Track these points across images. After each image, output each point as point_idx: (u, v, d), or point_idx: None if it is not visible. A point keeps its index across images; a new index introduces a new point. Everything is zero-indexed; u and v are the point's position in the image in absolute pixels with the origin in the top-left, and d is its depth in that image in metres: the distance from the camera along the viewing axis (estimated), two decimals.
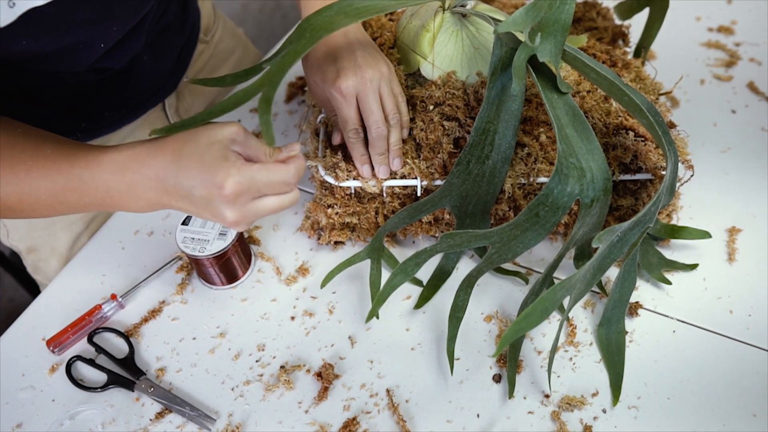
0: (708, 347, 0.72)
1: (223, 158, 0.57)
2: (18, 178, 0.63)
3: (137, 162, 0.60)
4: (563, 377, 0.71)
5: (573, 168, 0.62)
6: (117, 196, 0.61)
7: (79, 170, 0.61)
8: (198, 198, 0.58)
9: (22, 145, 0.64)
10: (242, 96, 0.62)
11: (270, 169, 0.59)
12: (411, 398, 0.71)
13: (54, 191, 0.63)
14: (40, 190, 0.63)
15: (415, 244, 0.83)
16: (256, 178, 0.58)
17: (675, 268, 0.78)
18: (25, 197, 0.63)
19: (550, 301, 0.60)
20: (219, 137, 0.58)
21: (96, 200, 0.62)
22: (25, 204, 0.64)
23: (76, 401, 0.74)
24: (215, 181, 0.57)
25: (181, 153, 0.58)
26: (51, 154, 0.63)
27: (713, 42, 1.07)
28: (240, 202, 0.58)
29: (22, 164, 0.63)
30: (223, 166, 0.57)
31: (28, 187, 0.63)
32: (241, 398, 0.72)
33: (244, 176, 0.57)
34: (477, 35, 0.77)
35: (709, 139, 0.93)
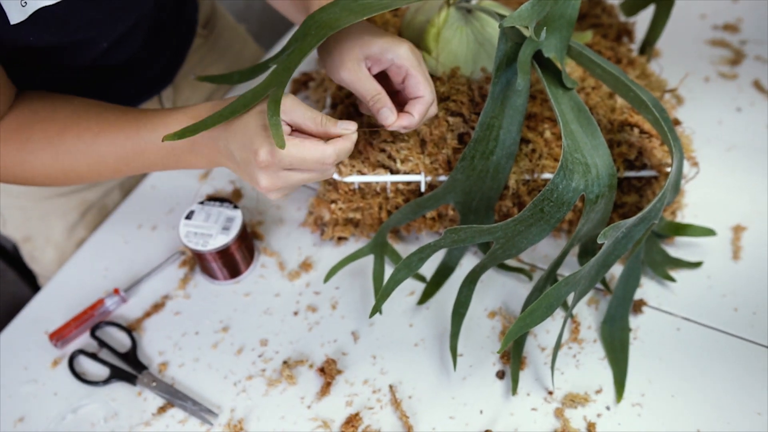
0: (712, 345, 0.72)
1: (264, 127, 0.60)
2: (86, 144, 0.67)
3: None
4: (567, 374, 0.71)
5: (578, 164, 0.61)
6: (180, 153, 0.66)
7: (146, 133, 0.66)
8: (239, 160, 0.62)
9: (86, 114, 0.68)
10: (250, 98, 0.62)
11: (306, 147, 0.60)
12: (414, 394, 0.71)
13: (122, 154, 0.67)
14: (108, 155, 0.67)
15: (418, 240, 0.83)
16: (291, 152, 0.59)
17: (679, 266, 0.78)
18: (94, 163, 0.68)
19: (555, 298, 0.60)
20: (257, 106, 0.61)
21: (161, 158, 0.67)
22: (94, 169, 0.69)
23: (78, 395, 0.74)
24: (252, 148, 0.60)
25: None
26: (116, 120, 0.67)
27: (718, 40, 1.07)
28: (272, 170, 0.60)
29: (88, 131, 0.67)
30: (261, 135, 0.59)
31: (96, 153, 0.67)
32: (243, 393, 0.72)
33: (279, 151, 0.59)
34: (482, 31, 0.76)
35: (714, 137, 0.92)
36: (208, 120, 0.61)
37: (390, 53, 0.65)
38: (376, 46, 0.65)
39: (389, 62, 0.66)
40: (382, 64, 0.66)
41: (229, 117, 0.61)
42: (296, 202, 0.88)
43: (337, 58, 0.66)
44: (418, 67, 0.66)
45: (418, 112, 0.65)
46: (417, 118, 0.65)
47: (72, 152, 0.68)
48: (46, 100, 0.70)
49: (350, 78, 0.65)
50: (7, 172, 0.70)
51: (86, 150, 0.67)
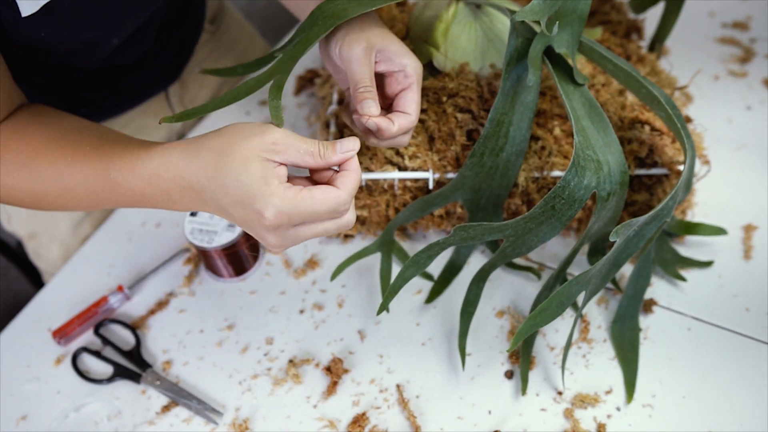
0: (724, 345, 0.71)
1: (263, 182, 0.52)
2: (57, 172, 0.61)
3: (170, 170, 0.56)
4: (576, 374, 0.70)
5: (590, 160, 0.61)
6: (153, 200, 0.59)
7: (115, 173, 0.59)
8: (237, 218, 0.55)
9: (63, 140, 0.62)
10: (254, 84, 0.61)
11: (316, 200, 0.52)
12: (421, 394, 0.70)
13: (92, 189, 0.61)
14: (78, 187, 0.61)
15: (425, 238, 0.82)
16: (300, 209, 0.52)
17: (690, 265, 0.77)
18: (64, 193, 0.62)
19: (565, 297, 0.59)
20: (256, 150, 0.52)
21: (133, 201, 0.60)
22: (64, 198, 0.63)
23: (81, 393, 0.73)
24: (255, 208, 0.52)
25: (216, 167, 0.53)
26: (89, 152, 0.60)
27: (727, 38, 1.06)
28: (281, 229, 0.54)
29: (61, 159, 0.61)
30: (263, 193, 0.52)
31: (67, 183, 0.61)
32: (248, 392, 0.71)
33: (286, 206, 0.52)
34: (491, 26, 0.76)
35: (723, 136, 0.91)
36: (209, 104, 0.59)
37: (405, 60, 0.61)
38: (396, 46, 0.62)
39: (400, 67, 0.62)
40: (390, 66, 0.62)
41: (230, 102, 0.59)
42: None
43: (349, 36, 0.61)
44: (419, 88, 0.63)
45: (399, 125, 0.60)
46: (395, 129, 0.60)
47: (43, 178, 0.62)
48: (31, 118, 0.65)
49: (353, 57, 0.60)
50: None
51: (57, 177, 0.61)
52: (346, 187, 0.54)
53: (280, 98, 0.58)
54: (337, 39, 0.62)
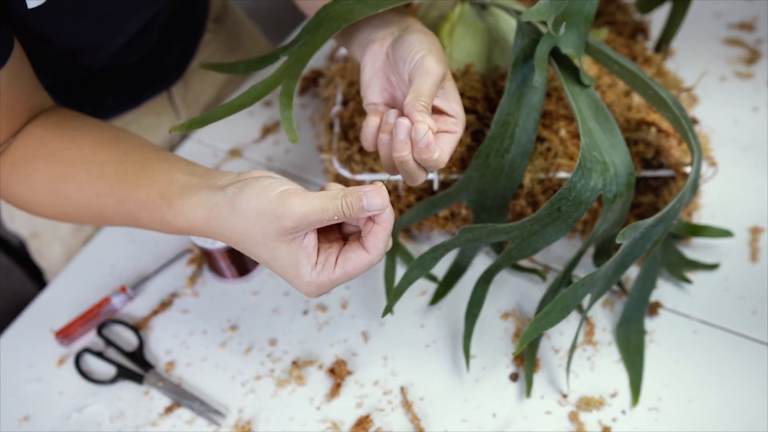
0: (731, 349, 0.71)
1: (294, 270, 0.52)
2: (87, 199, 0.62)
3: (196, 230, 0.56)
4: (581, 377, 0.70)
5: (596, 162, 0.60)
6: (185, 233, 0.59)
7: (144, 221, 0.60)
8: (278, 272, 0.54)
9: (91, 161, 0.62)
10: (261, 90, 0.60)
11: (351, 273, 0.53)
12: (425, 396, 0.69)
13: (123, 217, 0.62)
14: (109, 215, 0.62)
15: (430, 240, 0.82)
16: (335, 283, 0.53)
17: (696, 268, 0.76)
18: (96, 216, 0.63)
19: (571, 299, 0.59)
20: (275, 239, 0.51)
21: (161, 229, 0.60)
22: (97, 221, 0.64)
23: (83, 394, 0.73)
24: (296, 286, 0.54)
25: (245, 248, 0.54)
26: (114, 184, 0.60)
27: (734, 38, 1.05)
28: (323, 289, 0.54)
29: (89, 186, 0.61)
30: (297, 281, 0.53)
31: (98, 209, 0.62)
32: (251, 394, 0.71)
33: (322, 290, 0.53)
34: (496, 27, 0.75)
35: (730, 137, 0.91)
36: (217, 111, 0.59)
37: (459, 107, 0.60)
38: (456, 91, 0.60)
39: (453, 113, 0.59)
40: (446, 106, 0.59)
41: (239, 109, 0.59)
42: None
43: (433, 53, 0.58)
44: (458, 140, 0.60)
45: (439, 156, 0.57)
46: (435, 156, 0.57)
47: (72, 202, 0.62)
48: (55, 128, 0.65)
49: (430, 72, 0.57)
50: (15, 201, 0.66)
51: (87, 203, 0.62)
52: (377, 248, 0.52)
53: (291, 107, 0.58)
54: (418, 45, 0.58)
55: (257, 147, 0.96)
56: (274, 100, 1.02)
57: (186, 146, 0.97)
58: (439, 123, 0.59)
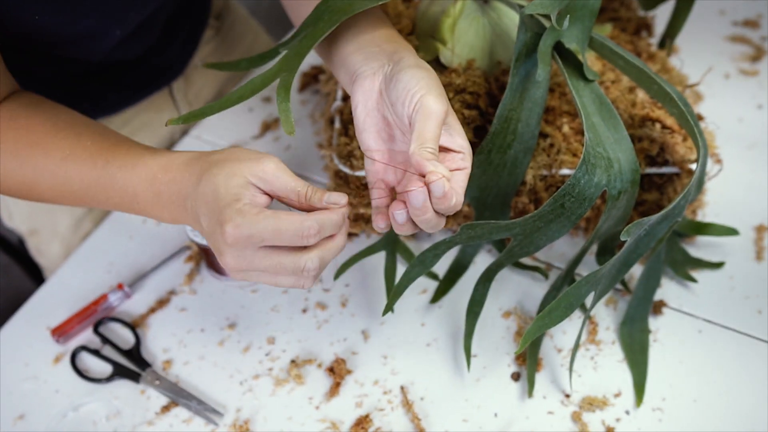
0: (735, 348, 0.70)
1: (234, 197, 0.51)
2: (53, 164, 0.61)
3: (167, 174, 0.56)
4: (584, 376, 0.69)
5: (600, 158, 0.59)
6: (143, 203, 0.58)
7: (114, 169, 0.58)
8: (205, 228, 0.54)
9: (64, 132, 0.61)
10: (259, 83, 0.59)
11: (280, 219, 0.50)
12: (426, 396, 0.68)
13: (86, 184, 0.60)
14: (73, 181, 0.60)
15: (430, 237, 0.81)
16: (260, 226, 0.50)
17: (701, 266, 0.75)
18: (57, 185, 0.61)
19: (574, 297, 0.58)
20: (245, 171, 0.52)
21: (124, 202, 0.60)
22: (56, 191, 0.62)
23: (80, 392, 0.72)
24: (219, 219, 0.51)
25: (203, 176, 0.53)
26: (90, 146, 0.60)
27: (738, 36, 1.04)
28: (238, 248, 0.51)
29: (58, 151, 0.60)
30: (230, 207, 0.51)
31: (62, 176, 0.60)
32: (249, 393, 0.70)
33: (246, 222, 0.50)
34: (498, 21, 0.74)
35: (734, 135, 0.90)
36: (215, 104, 0.59)
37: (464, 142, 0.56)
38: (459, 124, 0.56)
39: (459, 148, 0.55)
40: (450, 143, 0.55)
41: (237, 102, 0.59)
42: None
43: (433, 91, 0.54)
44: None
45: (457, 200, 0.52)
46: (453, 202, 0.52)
47: (37, 168, 0.61)
48: (29, 108, 0.64)
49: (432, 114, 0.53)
50: None
51: (52, 169, 0.60)
52: (315, 216, 0.51)
53: (288, 100, 0.57)
54: (415, 85, 0.54)
55: (256, 144, 0.95)
56: (273, 96, 1.01)
57: (185, 142, 0.97)
58: (447, 162, 0.55)
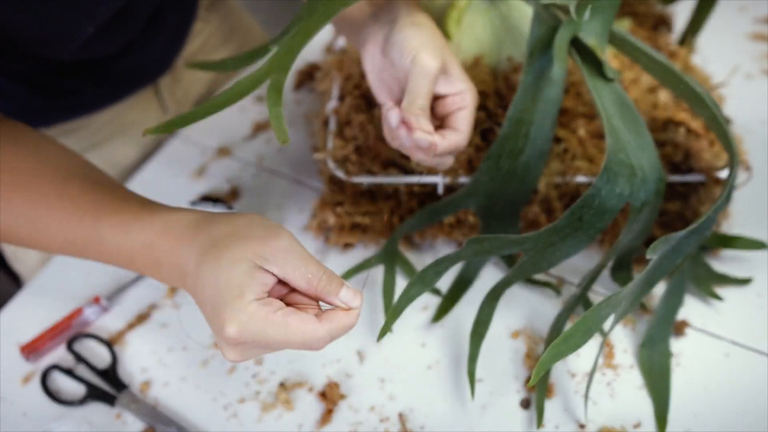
0: (766, 373, 0.64)
1: (238, 291, 0.45)
2: (35, 215, 0.55)
3: (166, 241, 0.51)
4: (600, 404, 0.63)
5: (623, 165, 0.53)
6: (140, 267, 0.53)
7: (104, 229, 0.53)
8: (205, 314, 0.49)
9: (48, 177, 0.56)
10: (249, 84, 0.54)
11: (289, 329, 0.45)
12: (426, 424, 0.62)
13: (72, 240, 0.55)
14: (58, 234, 0.55)
15: (433, 249, 0.75)
16: (267, 334, 0.45)
17: (726, 283, 0.69)
18: (38, 234, 0.56)
19: (593, 322, 0.52)
20: (249, 254, 0.46)
21: (115, 261, 0.55)
22: (35, 239, 0.56)
23: (49, 416, 0.66)
24: (220, 317, 0.46)
25: (204, 257, 0.48)
26: (77, 198, 0.55)
27: (760, 34, 0.99)
28: (242, 348, 0.47)
29: (43, 200, 0.55)
30: (232, 305, 0.45)
31: (45, 227, 0.55)
32: (234, 418, 0.64)
33: (252, 326, 0.45)
34: (509, 15, 0.68)
35: (758, 139, 0.84)
36: (199, 110, 0.53)
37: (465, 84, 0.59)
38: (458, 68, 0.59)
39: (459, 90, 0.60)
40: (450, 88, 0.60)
41: (224, 107, 0.53)
42: (298, 204, 0.80)
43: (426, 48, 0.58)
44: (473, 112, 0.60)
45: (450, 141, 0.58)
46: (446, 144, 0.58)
47: (15, 215, 0.56)
48: (9, 141, 0.57)
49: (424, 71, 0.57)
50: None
51: (33, 219, 0.55)
52: (329, 323, 0.46)
53: (280, 104, 0.51)
54: (407, 44, 0.58)
55: (248, 145, 0.89)
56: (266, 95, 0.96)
57: (172, 144, 0.91)
58: (447, 106, 0.59)
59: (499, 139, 0.59)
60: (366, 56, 0.62)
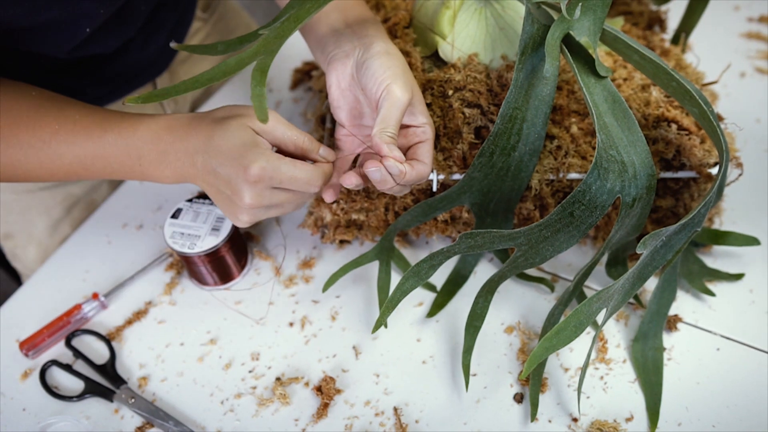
0: (757, 368, 0.64)
1: (253, 143, 0.58)
2: (42, 142, 0.62)
3: (172, 133, 0.61)
4: (593, 398, 0.63)
5: (613, 161, 0.54)
6: (147, 164, 0.62)
7: (113, 136, 0.61)
8: (222, 175, 0.59)
9: (46, 108, 0.63)
10: (234, 65, 0.55)
11: (297, 166, 0.58)
12: (421, 418, 0.63)
13: (81, 156, 0.62)
14: (66, 155, 0.62)
15: (428, 245, 0.76)
16: (282, 169, 0.58)
17: (718, 278, 0.70)
18: (47, 161, 0.63)
19: (585, 316, 0.53)
20: (251, 124, 0.59)
21: (125, 167, 0.63)
22: (46, 167, 0.63)
23: (48, 411, 0.67)
24: (242, 162, 0.57)
25: (213, 131, 0.59)
26: (80, 119, 0.62)
27: (754, 33, 0.99)
28: (260, 186, 0.58)
29: (46, 127, 0.62)
30: (252, 151, 0.57)
31: (52, 151, 0.62)
32: (231, 413, 0.65)
33: (270, 164, 0.57)
34: (502, 14, 0.69)
35: (752, 137, 0.85)
36: (180, 85, 0.54)
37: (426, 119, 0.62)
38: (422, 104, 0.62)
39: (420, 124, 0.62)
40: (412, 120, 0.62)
41: (207, 84, 0.55)
42: None
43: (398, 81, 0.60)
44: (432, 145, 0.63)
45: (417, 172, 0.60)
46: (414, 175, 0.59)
47: (24, 147, 0.62)
48: (5, 88, 0.64)
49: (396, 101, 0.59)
50: None
51: (40, 146, 0.62)
52: (320, 168, 0.60)
53: (264, 84, 0.52)
54: (382, 73, 0.60)
55: None
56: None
57: None
58: (409, 137, 0.62)
59: (492, 136, 0.60)
60: (332, 73, 0.63)
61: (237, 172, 0.58)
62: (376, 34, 0.63)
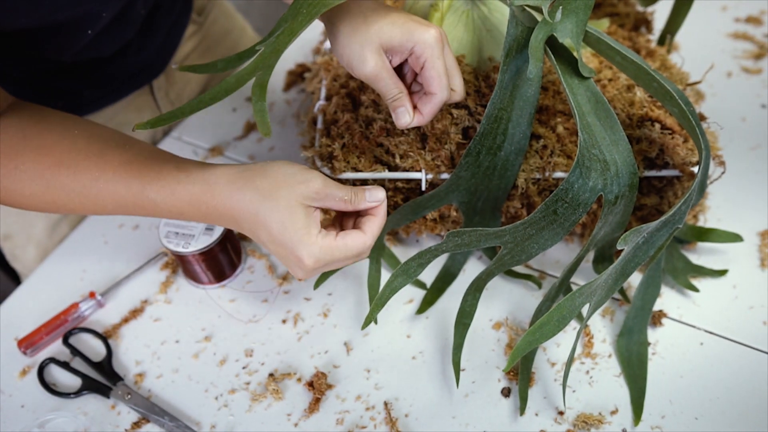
0: (739, 361, 0.66)
1: (305, 231, 0.56)
2: (82, 186, 0.61)
3: (213, 198, 0.58)
4: (579, 392, 0.65)
5: (595, 160, 0.55)
6: (191, 218, 0.61)
7: (152, 194, 0.60)
8: (273, 252, 0.59)
9: (85, 151, 0.61)
10: (234, 83, 0.56)
11: (348, 247, 0.58)
12: (411, 412, 0.64)
13: (122, 204, 0.61)
14: (107, 201, 0.61)
15: (418, 243, 0.77)
16: (334, 256, 0.57)
17: (702, 274, 0.71)
18: (90, 204, 0.62)
19: (568, 310, 0.54)
20: (300, 198, 0.57)
21: (168, 216, 0.62)
22: (89, 209, 0.63)
23: (46, 407, 0.68)
24: (296, 254, 0.57)
25: (262, 208, 0.57)
26: (119, 168, 0.60)
27: (741, 33, 1.01)
28: (315, 270, 0.58)
29: (86, 173, 0.60)
30: (304, 242, 0.56)
31: (93, 196, 0.61)
32: (225, 408, 0.66)
33: (323, 254, 0.57)
34: (489, 16, 0.70)
35: (737, 135, 0.86)
36: (186, 107, 0.55)
37: (411, 42, 0.58)
38: (398, 35, 0.58)
39: (409, 51, 0.59)
40: (402, 56, 0.59)
41: (210, 104, 0.56)
42: None
43: (357, 51, 0.58)
44: (436, 59, 0.58)
45: (428, 112, 0.60)
46: (426, 119, 0.60)
47: (65, 190, 0.61)
48: (38, 123, 0.63)
49: (372, 75, 0.59)
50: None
51: (82, 191, 0.61)
52: (371, 231, 0.59)
53: (264, 99, 0.54)
54: (346, 61, 0.59)
55: (240, 145, 0.91)
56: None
57: (165, 144, 0.93)
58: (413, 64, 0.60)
59: (478, 136, 0.61)
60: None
61: (290, 258, 0.57)
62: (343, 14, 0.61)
